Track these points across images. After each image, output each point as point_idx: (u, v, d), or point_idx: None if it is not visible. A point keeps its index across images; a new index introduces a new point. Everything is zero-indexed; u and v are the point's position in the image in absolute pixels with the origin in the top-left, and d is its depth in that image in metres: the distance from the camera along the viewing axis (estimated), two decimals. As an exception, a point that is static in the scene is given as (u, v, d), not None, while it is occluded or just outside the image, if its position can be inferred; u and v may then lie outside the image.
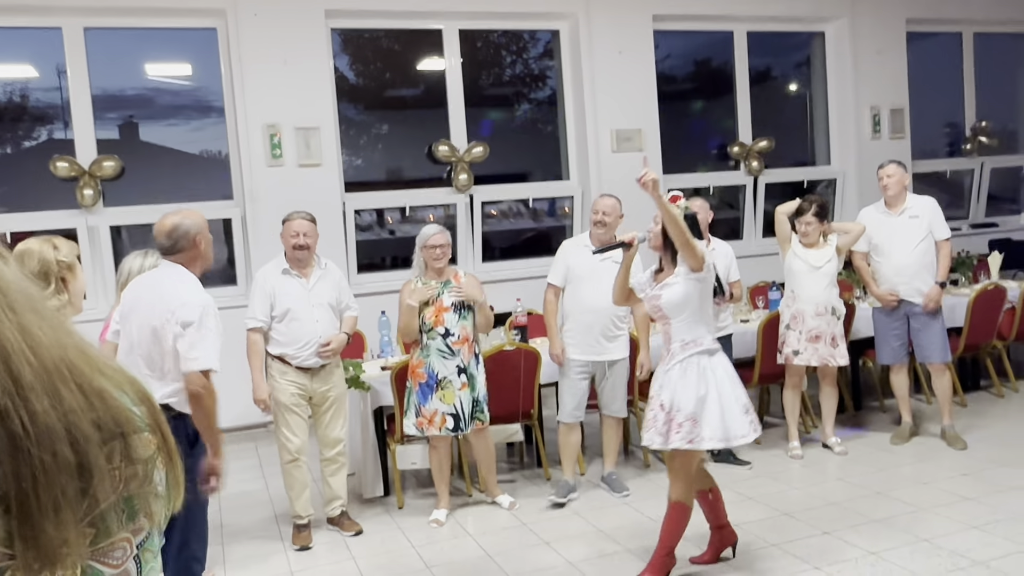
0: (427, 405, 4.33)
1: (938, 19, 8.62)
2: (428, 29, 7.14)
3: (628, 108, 7.43)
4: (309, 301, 4.22)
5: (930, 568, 3.52)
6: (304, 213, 4.32)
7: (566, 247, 4.75)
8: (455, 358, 4.34)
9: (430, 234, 4.41)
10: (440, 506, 4.50)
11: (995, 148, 9.10)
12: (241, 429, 6.39)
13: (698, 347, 3.41)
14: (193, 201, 6.63)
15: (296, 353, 4.19)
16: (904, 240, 5.13)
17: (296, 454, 4.23)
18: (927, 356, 5.21)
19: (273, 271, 4.28)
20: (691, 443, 3.35)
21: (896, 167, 5.17)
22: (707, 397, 3.36)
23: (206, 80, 6.80)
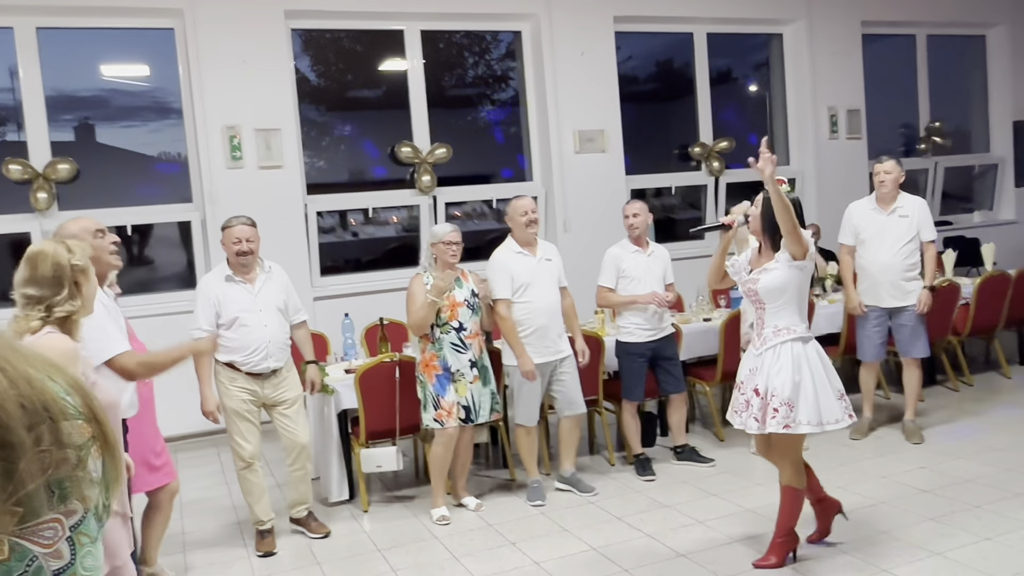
0: (446, 397, 4.37)
1: (892, 21, 8.80)
2: (390, 30, 7.11)
3: (591, 109, 7.47)
4: (256, 306, 4.16)
5: (889, 559, 3.58)
6: (244, 218, 4.22)
7: (503, 258, 4.63)
8: (468, 352, 4.39)
9: (447, 230, 4.44)
10: (439, 504, 4.47)
11: (948, 148, 9.31)
12: (202, 435, 6.30)
13: (791, 334, 3.44)
14: (151, 204, 6.54)
15: (246, 359, 4.12)
16: (892, 239, 5.13)
17: (250, 460, 4.17)
18: (908, 351, 5.26)
19: (216, 279, 4.20)
20: (787, 428, 3.39)
21: (894, 164, 5.12)
22: (802, 382, 3.39)
23: (164, 81, 6.70)
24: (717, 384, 5.65)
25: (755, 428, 3.47)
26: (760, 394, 3.44)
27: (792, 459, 3.53)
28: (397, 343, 5.29)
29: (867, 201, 5.31)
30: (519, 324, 4.59)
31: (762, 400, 3.43)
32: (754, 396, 3.47)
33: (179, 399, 5.91)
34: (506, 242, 4.73)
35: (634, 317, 4.92)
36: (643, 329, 4.91)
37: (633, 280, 4.91)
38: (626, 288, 4.92)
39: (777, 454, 3.58)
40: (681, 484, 4.76)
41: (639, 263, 4.93)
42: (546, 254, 4.74)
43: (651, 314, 4.90)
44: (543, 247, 4.76)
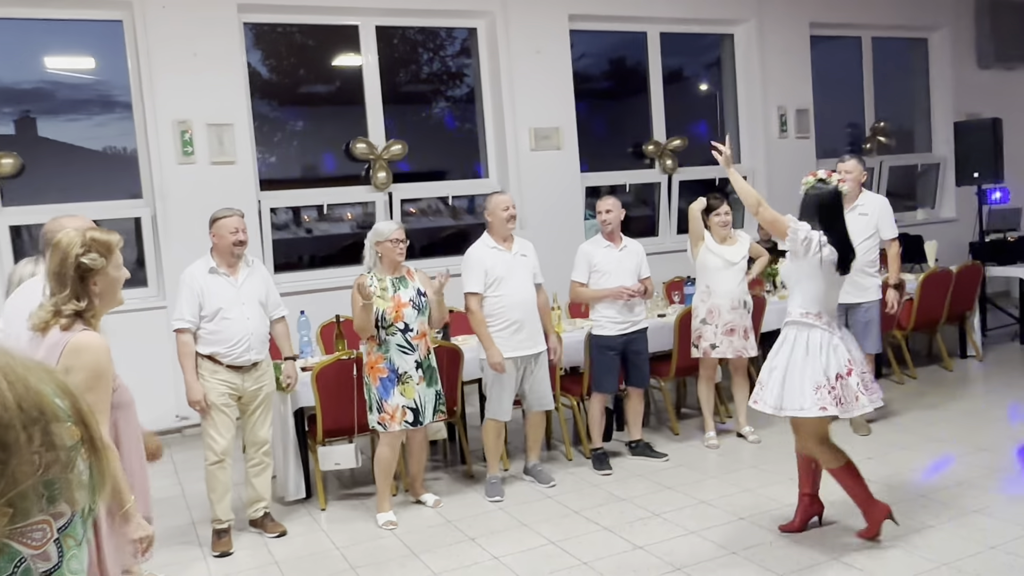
0: (390, 400, 4.32)
1: (839, 23, 9.00)
2: (344, 25, 7.06)
3: (546, 106, 7.51)
4: (239, 299, 4.18)
5: (838, 548, 3.69)
6: (236, 210, 4.30)
7: (477, 253, 4.71)
8: (414, 353, 4.35)
9: (392, 228, 4.41)
10: (385, 508, 4.43)
11: (893, 147, 9.56)
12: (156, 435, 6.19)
13: (789, 317, 3.67)
14: (99, 200, 6.39)
15: (228, 351, 4.13)
16: (853, 236, 5.24)
17: (222, 455, 4.14)
18: (861, 346, 5.37)
19: (200, 270, 4.21)
20: (756, 403, 3.69)
21: (855, 163, 5.24)
22: (776, 367, 3.62)
23: (110, 74, 6.55)
24: (671, 379, 5.73)
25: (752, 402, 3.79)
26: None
27: (813, 444, 3.70)
28: (353, 340, 5.24)
29: None
30: (492, 318, 4.63)
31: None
32: None
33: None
34: (482, 237, 4.79)
35: (606, 310, 4.98)
36: (615, 322, 4.97)
37: (605, 275, 4.97)
38: (598, 282, 4.98)
39: (800, 438, 3.76)
40: (637, 478, 4.83)
41: (611, 258, 4.99)
42: (522, 250, 4.78)
43: (623, 307, 4.96)
44: (519, 243, 4.80)
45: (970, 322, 7.12)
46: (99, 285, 2.34)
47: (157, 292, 6.36)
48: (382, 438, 4.42)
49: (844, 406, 3.56)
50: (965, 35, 9.77)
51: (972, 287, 6.97)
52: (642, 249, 5.19)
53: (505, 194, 4.90)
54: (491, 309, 4.64)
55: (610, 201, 5.08)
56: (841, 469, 3.71)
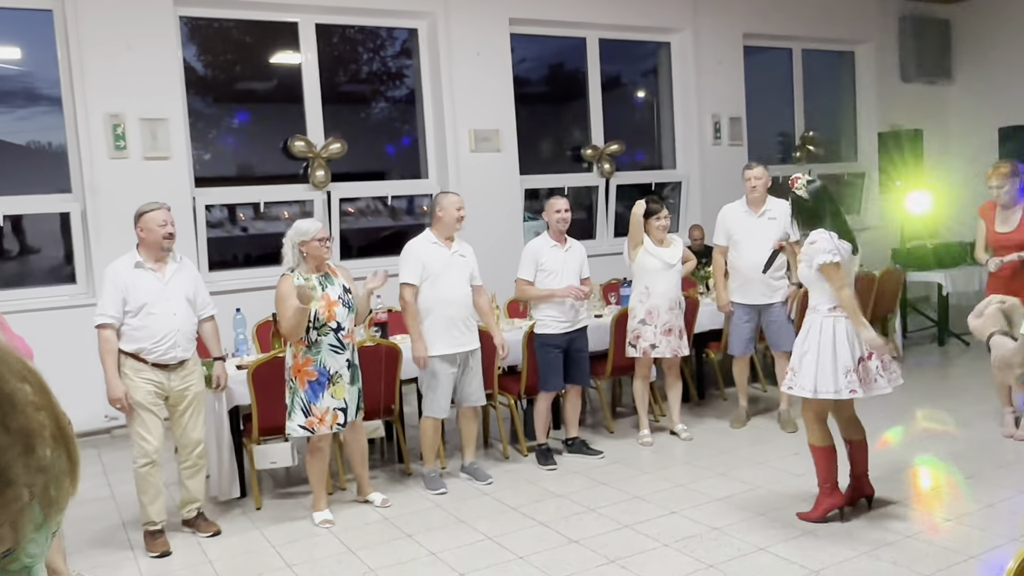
0: (319, 403, 4.24)
1: (771, 35, 9.27)
2: (283, 21, 7.00)
3: (486, 109, 7.56)
4: (165, 295, 4.09)
5: (767, 538, 3.82)
6: (162, 203, 4.21)
7: (416, 246, 4.75)
8: (345, 352, 4.32)
9: (317, 228, 4.33)
10: (322, 507, 4.39)
11: (821, 156, 9.88)
12: (82, 436, 6.04)
13: (815, 312, 3.87)
14: (25, 194, 6.21)
15: (153, 348, 4.03)
16: (762, 239, 5.34)
17: (151, 456, 4.05)
18: (779, 345, 5.57)
19: (125, 265, 4.10)
20: (790, 389, 3.93)
21: (763, 170, 5.52)
22: (807, 352, 3.82)
23: (36, 65, 6.36)
24: (607, 378, 5.83)
25: (785, 387, 4.01)
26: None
27: (810, 418, 3.93)
28: (291, 339, 5.22)
29: (739, 204, 5.65)
30: (427, 313, 4.66)
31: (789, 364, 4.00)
32: None
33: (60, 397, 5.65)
34: (424, 233, 4.83)
35: (550, 310, 5.04)
36: (559, 321, 5.04)
37: (551, 274, 5.04)
38: (544, 282, 5.04)
39: (802, 413, 4.02)
40: (573, 474, 4.91)
41: (557, 258, 5.06)
42: (460, 250, 4.82)
43: (568, 307, 5.03)
44: (458, 243, 4.84)
45: (892, 324, 7.40)
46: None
47: (86, 289, 6.20)
48: (312, 441, 4.37)
49: (866, 386, 3.84)
50: (889, 49, 10.16)
51: (894, 291, 7.26)
52: (584, 250, 5.29)
53: (457, 195, 4.92)
54: (426, 304, 4.67)
55: (565, 201, 5.18)
56: (824, 449, 3.95)
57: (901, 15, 10.15)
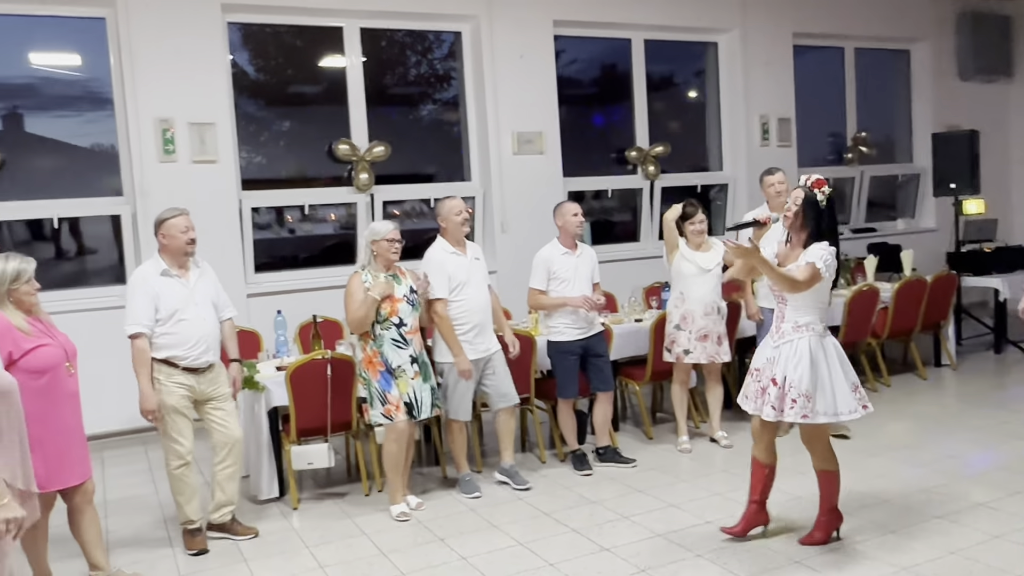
0: (392, 392, 4.38)
1: (822, 34, 9.09)
2: (329, 26, 7.09)
3: (529, 111, 7.56)
4: (193, 300, 4.14)
5: (805, 551, 3.73)
6: (182, 209, 4.22)
7: (439, 258, 4.70)
8: (408, 347, 4.41)
9: (388, 228, 4.46)
10: (398, 500, 4.47)
11: (874, 157, 9.65)
12: (131, 433, 6.20)
13: (810, 331, 3.61)
14: (81, 197, 6.40)
15: (186, 354, 4.09)
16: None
17: (185, 458, 4.13)
18: None
19: (152, 272, 4.14)
20: (805, 417, 3.57)
21: (783, 175, 5.49)
22: (820, 376, 3.58)
23: (97, 71, 6.55)
24: (647, 383, 5.77)
25: (772, 416, 3.64)
26: (778, 384, 3.61)
27: (820, 445, 3.76)
28: (330, 340, 5.29)
29: (761, 210, 5.56)
30: (455, 322, 4.66)
31: (780, 390, 3.61)
32: (771, 385, 3.63)
33: (106, 397, 5.82)
34: (438, 242, 4.78)
35: (564, 317, 5.01)
36: (573, 328, 5.01)
37: (564, 281, 5.00)
38: (557, 289, 5.01)
39: (805, 440, 3.80)
40: (610, 481, 4.87)
41: (569, 264, 5.03)
42: (475, 253, 4.84)
43: (581, 313, 4.99)
44: (471, 247, 4.85)
45: (944, 331, 7.19)
46: None
47: (136, 290, 6.34)
48: (388, 433, 4.44)
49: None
50: (946, 47, 9.88)
51: (947, 296, 7.05)
52: (595, 255, 5.23)
53: (457, 199, 4.85)
54: (455, 313, 4.66)
55: (577, 205, 5.14)
56: (831, 473, 3.80)
57: (959, 12, 9.86)
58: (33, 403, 3.30)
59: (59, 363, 3.46)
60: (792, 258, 3.71)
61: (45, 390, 3.37)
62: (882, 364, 6.74)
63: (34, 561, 3.58)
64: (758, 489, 3.90)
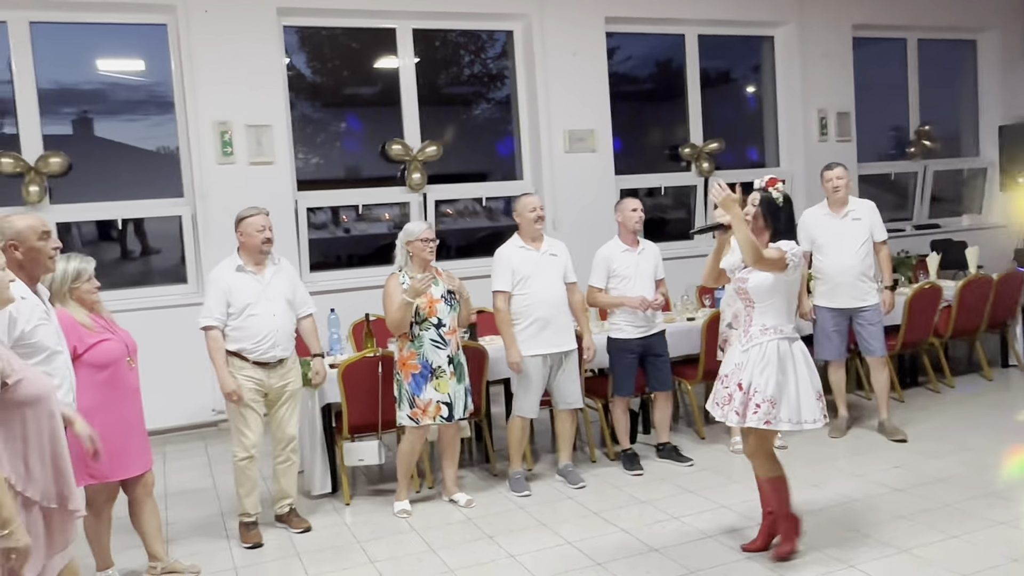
0: (422, 395, 4.41)
1: (883, 25, 8.86)
2: (382, 28, 7.17)
3: (581, 109, 7.53)
4: (266, 296, 4.26)
5: (858, 555, 3.65)
6: (262, 209, 4.39)
7: (505, 253, 4.80)
8: (447, 348, 4.45)
9: (422, 228, 4.51)
10: (402, 497, 4.57)
11: (938, 151, 9.36)
12: (191, 428, 6.38)
13: (778, 334, 3.53)
14: (144, 199, 6.60)
15: (254, 347, 4.22)
16: (848, 241, 5.31)
17: (250, 451, 4.24)
18: (869, 350, 5.40)
19: (228, 269, 4.31)
20: (768, 424, 3.50)
21: (844, 170, 5.37)
22: (786, 382, 3.49)
23: (160, 76, 6.73)
24: (699, 382, 5.70)
25: (735, 421, 3.56)
26: (743, 389, 3.54)
27: (765, 451, 3.66)
28: (383, 339, 5.34)
29: (820, 207, 5.48)
30: (518, 316, 4.70)
31: (744, 395, 3.53)
32: (737, 390, 3.56)
33: (168, 392, 5.99)
34: (512, 238, 4.87)
35: (624, 315, 4.99)
36: (633, 326, 4.97)
37: (625, 279, 4.97)
38: (618, 287, 4.98)
39: (750, 447, 3.70)
40: (660, 480, 4.83)
41: (630, 262, 4.99)
42: (551, 249, 4.82)
43: (640, 313, 4.96)
44: (549, 243, 4.84)
45: (1012, 330, 6.94)
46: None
47: (196, 289, 6.52)
48: (408, 433, 4.51)
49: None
50: (1016, 36, 9.52)
51: (1014, 295, 6.80)
52: (658, 251, 5.18)
53: (533, 195, 4.95)
54: (518, 307, 4.71)
55: (635, 201, 5.10)
56: (779, 479, 3.67)
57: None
58: (95, 396, 3.43)
59: (120, 358, 3.58)
60: None
61: (107, 384, 3.49)
62: (945, 364, 6.54)
63: (97, 550, 3.71)
64: (771, 501, 3.75)
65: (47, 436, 2.41)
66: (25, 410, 2.33)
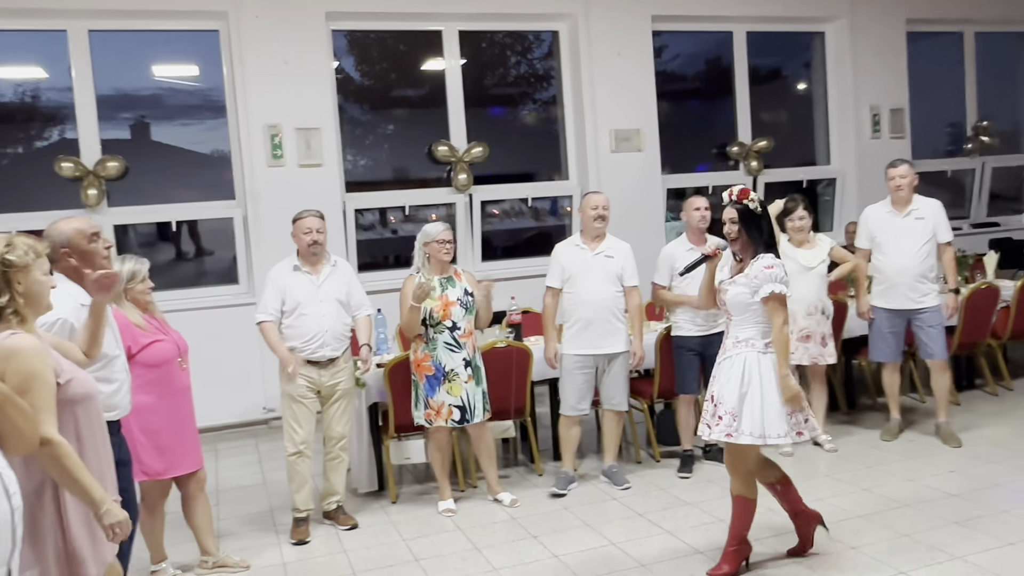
0: (435, 397, 4.44)
1: (938, 19, 8.64)
2: (428, 30, 7.22)
3: (627, 108, 7.50)
4: (318, 296, 4.34)
5: (908, 561, 3.57)
6: (314, 211, 4.47)
7: (560, 249, 4.85)
8: (462, 351, 4.46)
9: (440, 229, 4.53)
10: (445, 496, 4.61)
11: (996, 147, 9.10)
12: (242, 426, 6.51)
13: (749, 347, 3.45)
14: (197, 201, 6.75)
15: (304, 346, 4.31)
16: (909, 241, 5.13)
17: (299, 446, 4.31)
18: (929, 353, 5.21)
19: (285, 268, 4.42)
20: (729, 436, 3.42)
21: (908, 167, 5.17)
22: (749, 394, 3.40)
23: (213, 80, 6.89)
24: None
25: (707, 434, 3.52)
26: (713, 401, 3.50)
27: (743, 469, 3.54)
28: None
29: (882, 205, 5.32)
30: (567, 313, 4.73)
31: (713, 406, 3.49)
32: (709, 402, 3.53)
33: (220, 391, 6.13)
34: (573, 235, 4.92)
35: (685, 313, 4.96)
36: (693, 324, 4.94)
37: (688, 278, 4.92)
38: (680, 286, 4.92)
39: (728, 462, 3.59)
40: (707, 483, 4.78)
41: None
42: (608, 251, 4.77)
43: (703, 313, 4.91)
44: (609, 243, 4.80)
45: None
46: (23, 284, 2.34)
47: (247, 289, 6.66)
48: (430, 435, 4.56)
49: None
50: (1079, 28, 9.22)
51: (1077, 295, 6.57)
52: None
53: (599, 194, 4.90)
54: (566, 305, 4.74)
55: (704, 199, 5.05)
56: (750, 501, 3.58)
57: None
58: (148, 395, 3.53)
59: (172, 358, 3.68)
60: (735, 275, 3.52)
61: (158, 383, 3.58)
62: (1003, 366, 6.36)
63: (151, 544, 3.81)
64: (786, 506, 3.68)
65: (97, 434, 2.49)
66: (77, 408, 2.41)
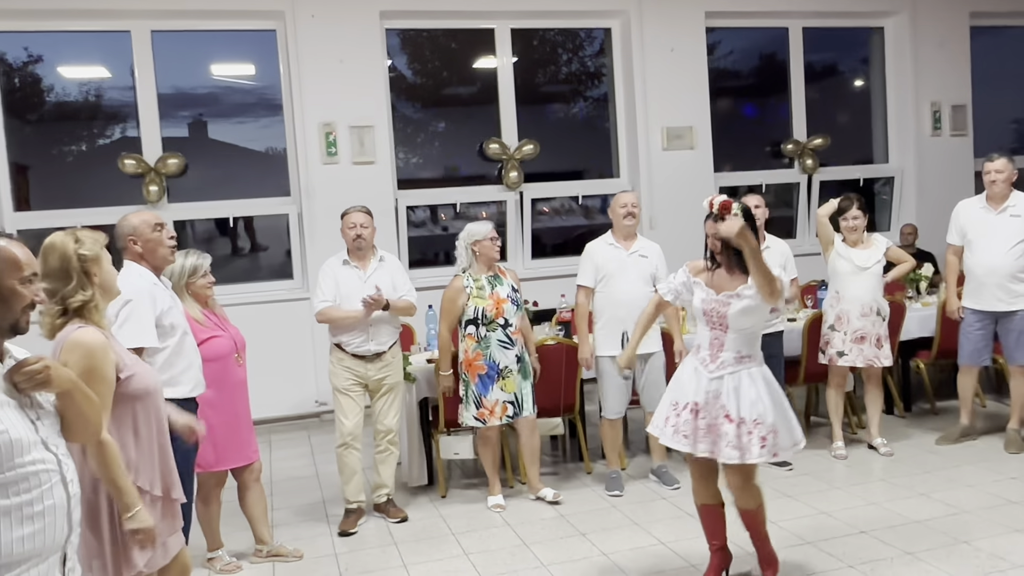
0: (489, 396, 4.47)
1: (1004, 12, 8.39)
2: (481, 29, 7.26)
3: (679, 106, 7.43)
4: (364, 291, 4.39)
5: (965, 569, 3.49)
6: (360, 207, 4.56)
7: (592, 248, 4.81)
8: (514, 348, 4.50)
9: (487, 229, 4.56)
10: (494, 492, 4.64)
11: (1064, 145, 8.81)
12: (295, 419, 6.63)
13: (753, 362, 3.30)
14: (253, 198, 6.89)
15: (349, 340, 4.38)
16: (1000, 239, 4.91)
17: (346, 438, 4.38)
18: (1014, 358, 5.00)
19: (335, 262, 4.53)
20: (776, 455, 3.31)
21: (1005, 162, 4.94)
22: (780, 407, 3.29)
23: (269, 79, 7.02)
24: (801, 384, 5.56)
25: (736, 458, 3.24)
26: (734, 420, 3.23)
27: (751, 481, 3.39)
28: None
29: (977, 200, 5.11)
30: (600, 313, 4.70)
31: (737, 428, 3.22)
32: (726, 422, 3.24)
33: (273, 384, 6.25)
34: (604, 234, 4.87)
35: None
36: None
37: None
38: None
39: (738, 482, 3.37)
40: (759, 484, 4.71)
41: None
42: (642, 250, 4.75)
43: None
44: (642, 243, 4.79)
45: None
46: (99, 276, 2.46)
47: (301, 284, 6.77)
48: (481, 434, 4.60)
49: None
50: None
51: None
52: (787, 249, 5.04)
53: (629, 193, 4.89)
54: (600, 305, 4.72)
55: (758, 198, 4.99)
56: (760, 508, 3.44)
57: None
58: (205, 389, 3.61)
59: (229, 353, 3.76)
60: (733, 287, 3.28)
61: (215, 378, 3.66)
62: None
63: (207, 532, 3.91)
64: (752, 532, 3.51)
65: (155, 430, 2.56)
66: (135, 404, 2.48)
